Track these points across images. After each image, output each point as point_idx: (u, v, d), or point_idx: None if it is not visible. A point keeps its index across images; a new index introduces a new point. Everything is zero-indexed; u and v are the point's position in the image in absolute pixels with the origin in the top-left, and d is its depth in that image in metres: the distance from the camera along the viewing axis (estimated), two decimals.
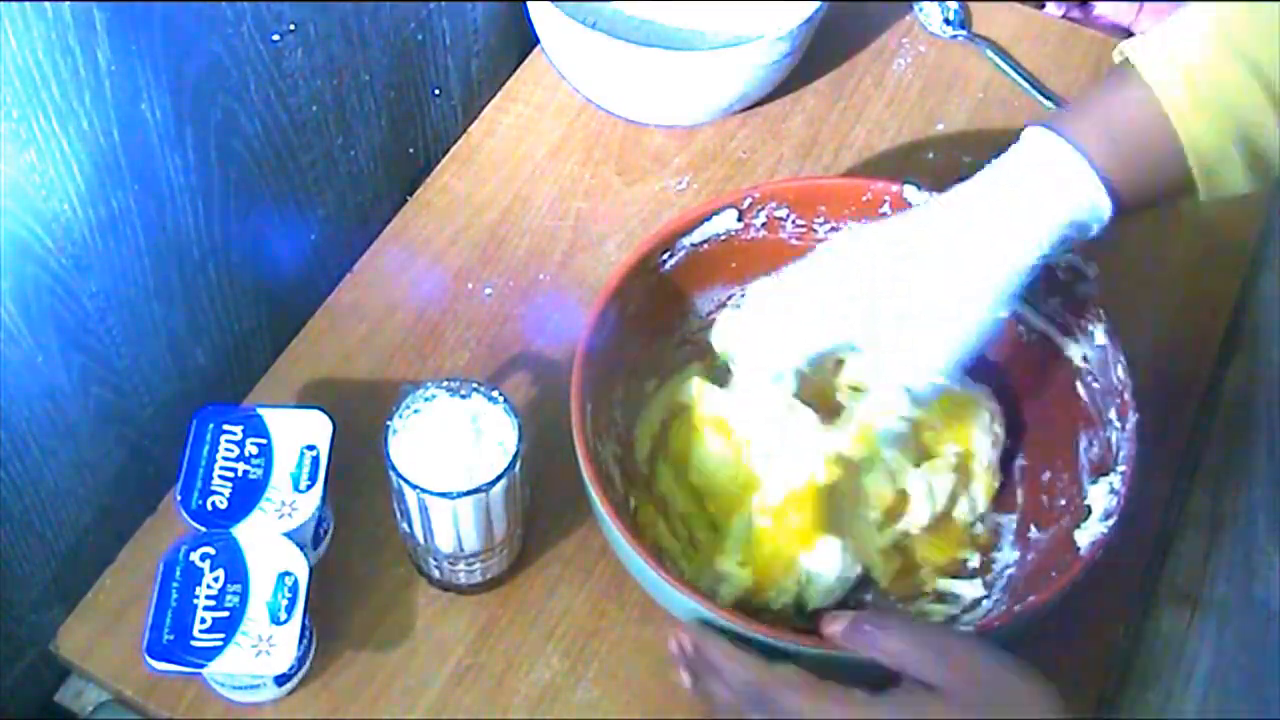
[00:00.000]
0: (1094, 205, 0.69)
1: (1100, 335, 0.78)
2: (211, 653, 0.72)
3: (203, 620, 0.72)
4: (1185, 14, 0.69)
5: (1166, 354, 0.89)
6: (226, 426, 0.79)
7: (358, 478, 0.83)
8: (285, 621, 0.73)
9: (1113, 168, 0.68)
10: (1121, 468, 0.74)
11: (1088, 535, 0.75)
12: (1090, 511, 0.76)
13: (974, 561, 0.81)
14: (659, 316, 0.84)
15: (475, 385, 0.76)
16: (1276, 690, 0.77)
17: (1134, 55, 0.69)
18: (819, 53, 1.03)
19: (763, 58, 0.95)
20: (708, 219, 0.82)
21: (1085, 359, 0.80)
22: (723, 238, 0.83)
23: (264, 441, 0.78)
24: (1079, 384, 0.81)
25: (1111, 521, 0.73)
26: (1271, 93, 0.66)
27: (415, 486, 0.72)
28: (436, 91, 0.99)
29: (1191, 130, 0.67)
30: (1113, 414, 0.77)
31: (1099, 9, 1.15)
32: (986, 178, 0.72)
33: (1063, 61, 1.07)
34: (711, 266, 0.84)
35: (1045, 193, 0.69)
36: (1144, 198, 0.70)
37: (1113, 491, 0.74)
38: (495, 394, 0.75)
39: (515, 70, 1.06)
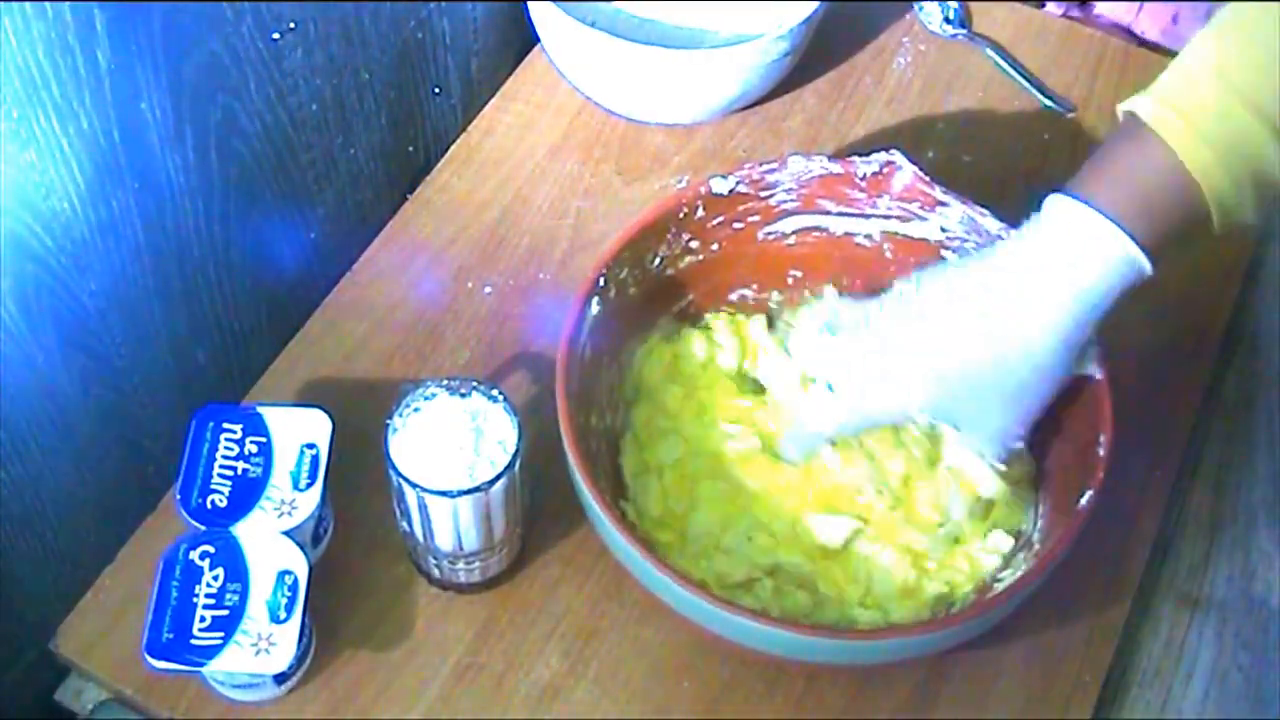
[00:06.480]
0: (1138, 269, 0.72)
1: None
2: (211, 651, 0.72)
3: (202, 619, 0.72)
4: (1183, 66, 0.71)
5: (1167, 354, 0.89)
6: (226, 425, 0.78)
7: (358, 477, 0.83)
8: (285, 620, 0.73)
9: (1146, 232, 0.71)
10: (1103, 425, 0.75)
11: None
12: None
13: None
14: (635, 314, 0.84)
15: (475, 384, 0.76)
16: (1277, 690, 0.77)
17: (1148, 117, 0.71)
18: (819, 52, 1.03)
19: (763, 57, 0.95)
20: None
21: None
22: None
23: (264, 440, 0.78)
24: None
25: (1102, 476, 0.73)
26: (1274, 129, 0.69)
27: (415, 486, 0.72)
28: (436, 91, 0.99)
29: (1215, 183, 0.70)
30: None
31: (1099, 8, 1.14)
32: (1026, 254, 0.74)
33: (1063, 61, 1.07)
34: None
35: (1089, 269, 0.71)
36: (1169, 247, 0.73)
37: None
38: (495, 393, 0.76)
39: (515, 70, 1.06)
